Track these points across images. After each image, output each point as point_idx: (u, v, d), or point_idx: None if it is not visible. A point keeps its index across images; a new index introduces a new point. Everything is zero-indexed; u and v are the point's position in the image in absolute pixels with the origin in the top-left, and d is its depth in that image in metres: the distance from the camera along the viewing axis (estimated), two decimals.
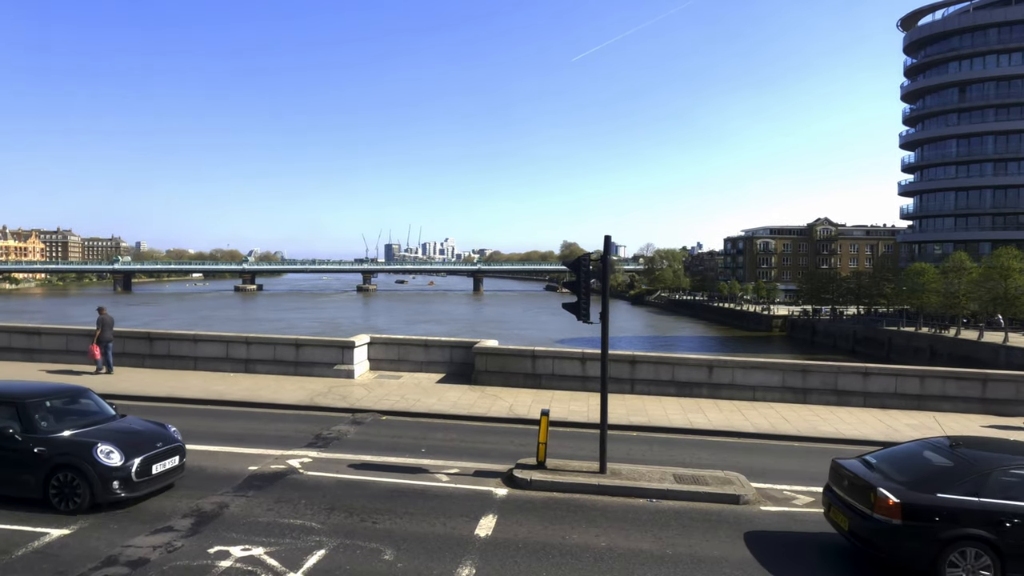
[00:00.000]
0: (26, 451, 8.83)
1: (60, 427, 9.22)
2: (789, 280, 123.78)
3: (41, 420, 9.21)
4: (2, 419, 9.07)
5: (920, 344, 63.77)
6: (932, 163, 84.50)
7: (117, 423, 9.85)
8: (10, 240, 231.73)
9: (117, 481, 8.74)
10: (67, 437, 9.04)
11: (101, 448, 8.84)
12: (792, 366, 18.03)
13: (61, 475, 8.71)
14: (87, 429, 9.33)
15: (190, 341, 19.83)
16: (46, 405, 9.53)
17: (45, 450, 8.83)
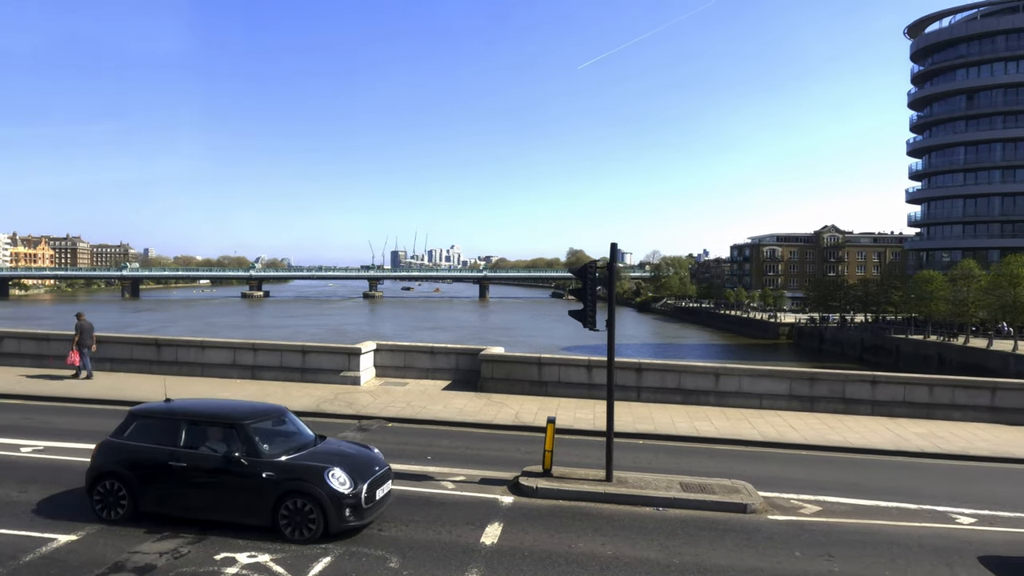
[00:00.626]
0: (253, 476, 8.32)
1: (278, 450, 8.69)
2: (796, 288, 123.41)
3: (262, 443, 8.65)
4: (224, 442, 8.60)
5: (928, 352, 63.40)
6: (940, 170, 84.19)
7: (327, 445, 9.29)
8: (20, 247, 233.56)
9: (349, 508, 8.20)
10: (293, 461, 8.53)
11: (332, 473, 8.30)
12: (799, 374, 17.94)
13: (291, 502, 8.18)
14: (304, 452, 8.80)
15: (197, 347, 19.90)
16: (262, 427, 8.99)
17: (273, 475, 8.31)
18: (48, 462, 11.27)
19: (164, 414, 9.08)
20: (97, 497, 8.66)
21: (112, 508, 8.61)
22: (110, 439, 9.04)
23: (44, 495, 9.58)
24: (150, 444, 8.76)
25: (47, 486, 9.93)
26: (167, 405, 9.45)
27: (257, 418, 9.02)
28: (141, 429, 8.96)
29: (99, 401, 16.16)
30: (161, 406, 9.37)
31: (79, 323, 18.93)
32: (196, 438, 8.74)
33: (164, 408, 9.29)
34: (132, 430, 9.00)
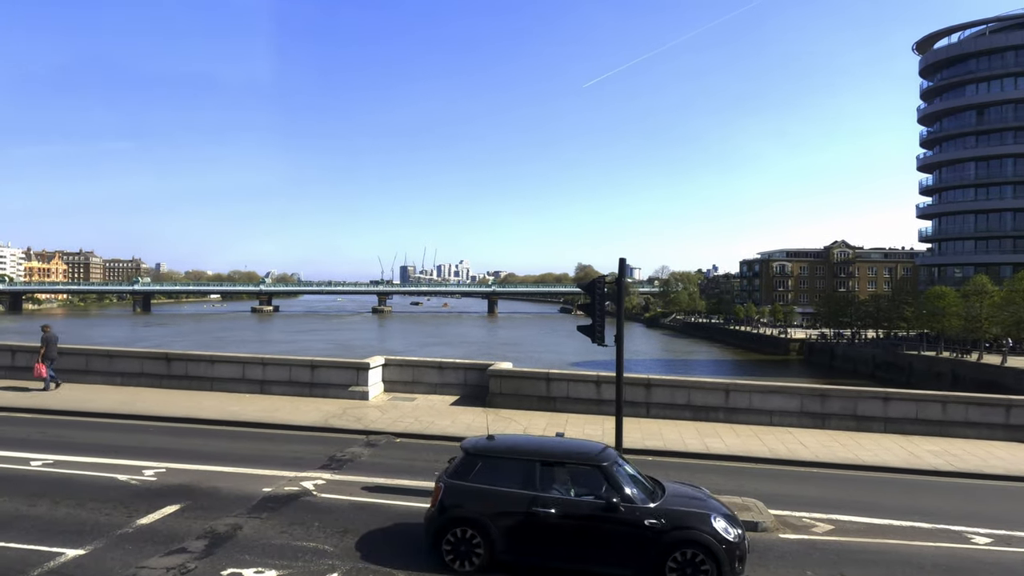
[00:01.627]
0: (635, 524, 7.64)
1: (641, 494, 7.98)
2: (806, 303, 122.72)
3: (625, 486, 7.95)
4: (584, 485, 7.94)
5: (941, 369, 62.73)
6: (951, 185, 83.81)
7: (672, 487, 8.56)
8: (34, 261, 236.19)
9: (738, 560, 7.59)
10: (673, 507, 7.87)
11: (716, 518, 7.71)
12: (810, 390, 17.79)
13: (680, 553, 7.48)
14: (666, 495, 8.13)
15: (207, 362, 19.98)
16: (622, 469, 8.26)
17: (657, 523, 7.61)
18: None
19: (513, 454, 8.35)
20: (447, 546, 7.88)
21: (466, 558, 7.84)
22: (455, 482, 8.18)
23: (54, 509, 9.61)
24: (506, 488, 7.98)
25: (58, 500, 9.96)
26: (509, 443, 8.78)
27: (612, 460, 8.28)
28: (488, 470, 8.16)
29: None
30: (504, 445, 8.61)
31: (45, 335, 19.06)
32: (550, 480, 8.03)
33: (509, 447, 8.59)
34: (478, 471, 8.17)
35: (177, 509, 9.76)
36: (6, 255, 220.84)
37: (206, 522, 9.30)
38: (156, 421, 15.82)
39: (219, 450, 13.25)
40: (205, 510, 9.78)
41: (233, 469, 11.91)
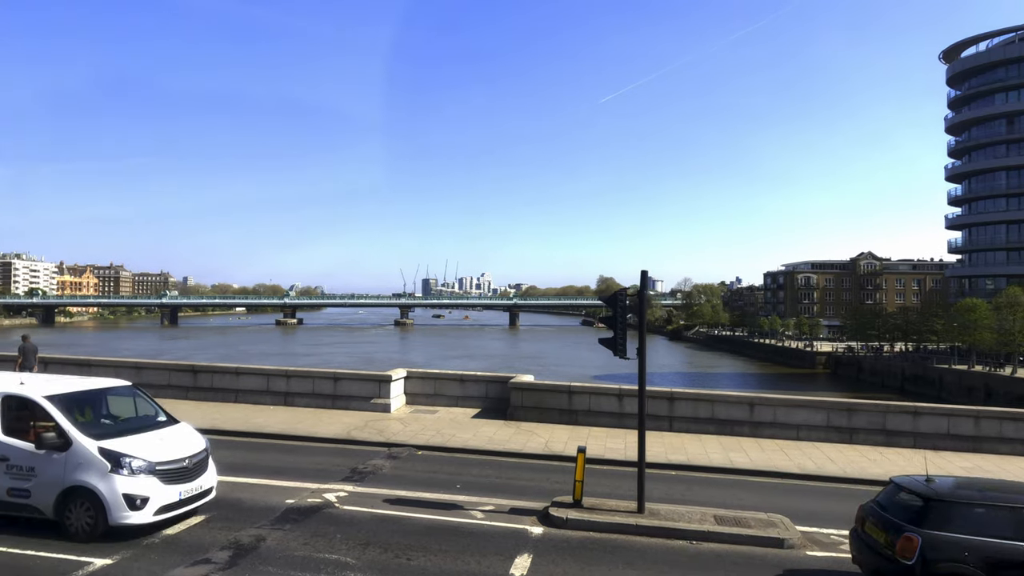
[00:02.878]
0: None
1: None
2: (832, 316, 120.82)
3: None
4: None
5: (974, 383, 61.25)
6: (981, 196, 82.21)
7: None
8: (66, 275, 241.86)
9: None
10: None
11: None
12: (837, 404, 17.47)
13: None
14: None
15: (232, 374, 20.23)
16: None
17: None
18: None
19: (996, 500, 7.67)
20: None
21: None
22: (937, 533, 7.43)
23: None
24: (998, 539, 7.33)
25: None
26: (982, 487, 8.22)
27: None
28: (967, 519, 7.49)
29: None
30: (978, 490, 8.00)
31: (23, 345, 19.44)
32: None
33: (986, 493, 7.92)
34: (957, 521, 7.47)
35: (202, 520, 9.87)
36: (39, 269, 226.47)
37: (230, 533, 9.39)
38: None
39: (244, 461, 13.37)
40: (229, 521, 9.87)
41: (257, 480, 12.02)
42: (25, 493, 9.04)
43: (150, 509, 8.99)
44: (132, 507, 8.88)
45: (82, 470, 8.92)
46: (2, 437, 9.26)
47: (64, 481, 8.92)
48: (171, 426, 10.42)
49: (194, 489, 9.63)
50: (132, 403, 10.74)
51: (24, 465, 9.08)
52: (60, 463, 8.98)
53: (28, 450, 9.11)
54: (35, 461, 9.06)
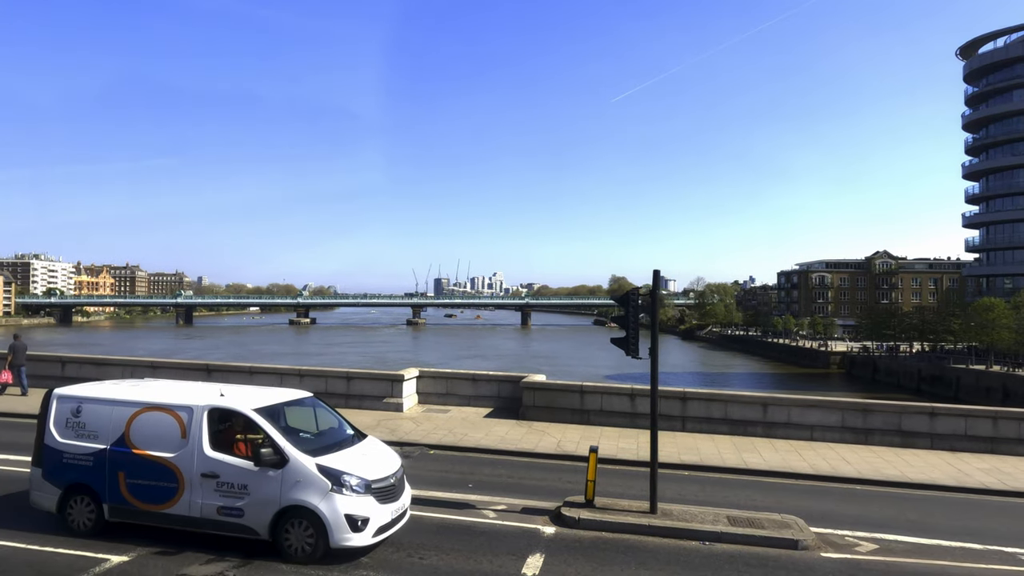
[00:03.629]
0: None
1: None
2: (847, 315, 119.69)
3: None
4: None
5: (992, 383, 60.43)
6: (998, 193, 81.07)
7: None
8: (83, 275, 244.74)
9: None
10: None
11: None
12: (852, 405, 17.31)
13: None
14: None
15: (246, 373, 20.38)
16: None
17: None
18: None
19: None
20: None
21: None
22: None
23: None
24: None
25: None
26: None
27: None
28: None
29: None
30: None
31: (13, 343, 20.20)
32: None
33: None
34: None
35: None
36: (57, 269, 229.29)
37: None
38: None
39: None
40: None
41: None
42: (237, 512, 8.53)
43: (370, 530, 8.46)
44: (354, 528, 8.34)
45: (300, 489, 8.39)
46: (211, 453, 8.76)
47: (281, 500, 8.39)
48: (363, 440, 9.79)
49: (399, 508, 9.09)
50: (312, 414, 10.05)
51: (236, 482, 8.56)
52: (276, 481, 8.44)
53: (242, 467, 8.60)
54: (248, 478, 8.53)
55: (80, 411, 9.32)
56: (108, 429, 9.13)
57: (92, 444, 9.14)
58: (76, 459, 9.15)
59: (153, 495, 8.83)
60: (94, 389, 9.78)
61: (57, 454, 9.25)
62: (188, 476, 8.71)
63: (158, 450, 8.89)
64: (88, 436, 9.20)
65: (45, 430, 9.41)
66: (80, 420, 9.29)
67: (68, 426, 9.33)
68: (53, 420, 9.44)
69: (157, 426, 8.98)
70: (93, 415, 9.26)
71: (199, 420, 8.89)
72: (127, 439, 9.03)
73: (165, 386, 10.16)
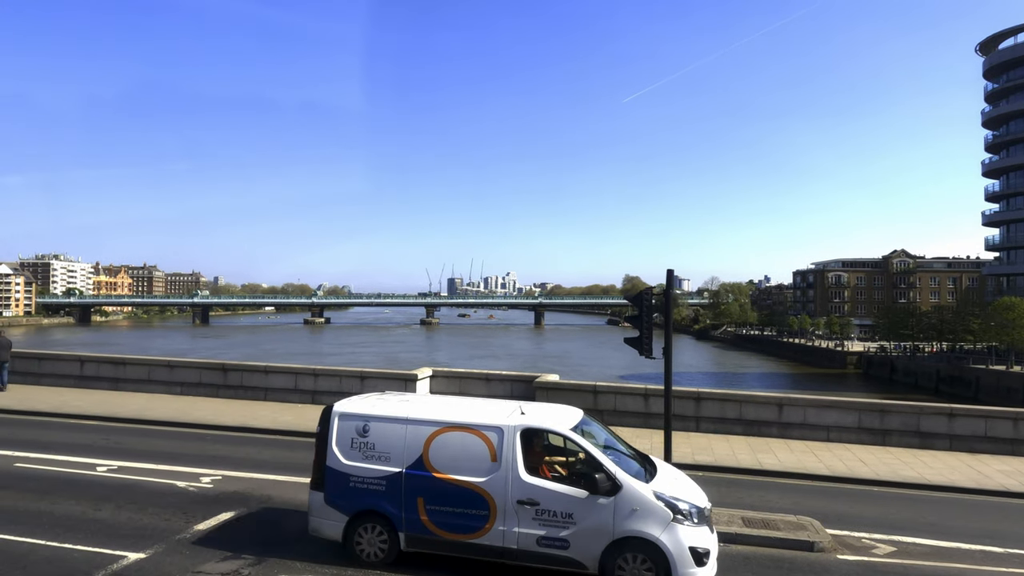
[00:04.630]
0: None
1: None
2: (864, 315, 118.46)
3: None
4: None
5: (1012, 384, 59.54)
6: (1020, 191, 79.73)
7: None
8: (102, 275, 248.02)
9: None
10: None
11: None
12: (869, 405, 17.12)
13: None
14: None
15: (261, 372, 20.55)
16: None
17: None
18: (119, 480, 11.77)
19: None
20: None
21: None
22: None
23: (117, 514, 10.01)
24: None
25: (122, 505, 10.37)
26: None
27: None
28: None
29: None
30: None
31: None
32: None
33: None
34: None
35: (231, 516, 10.04)
36: (76, 270, 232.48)
37: (261, 529, 9.52)
38: (213, 429, 16.33)
39: (273, 459, 13.57)
40: (259, 517, 10.02)
41: (287, 478, 12.18)
42: (561, 543, 7.76)
43: (712, 564, 7.80)
44: (698, 563, 7.60)
45: (638, 518, 7.65)
46: (527, 477, 7.96)
47: (614, 531, 7.65)
48: (655, 461, 9.02)
49: (716, 538, 8.29)
50: (595, 432, 8.91)
51: (559, 510, 7.81)
52: (608, 509, 7.71)
53: (567, 493, 7.84)
54: (574, 506, 7.79)
55: (367, 430, 8.45)
56: (403, 450, 8.27)
57: (384, 467, 8.27)
58: (366, 483, 8.30)
59: (459, 524, 8.01)
60: (375, 405, 8.83)
61: (342, 477, 8.39)
62: (501, 503, 7.91)
63: (464, 474, 8.05)
64: (379, 458, 8.32)
65: (327, 451, 8.51)
66: (368, 440, 8.41)
67: (354, 447, 8.45)
68: (336, 440, 8.52)
69: (462, 448, 8.12)
70: (384, 435, 8.37)
71: (511, 441, 8.03)
72: (426, 461, 8.17)
73: (454, 403, 9.20)
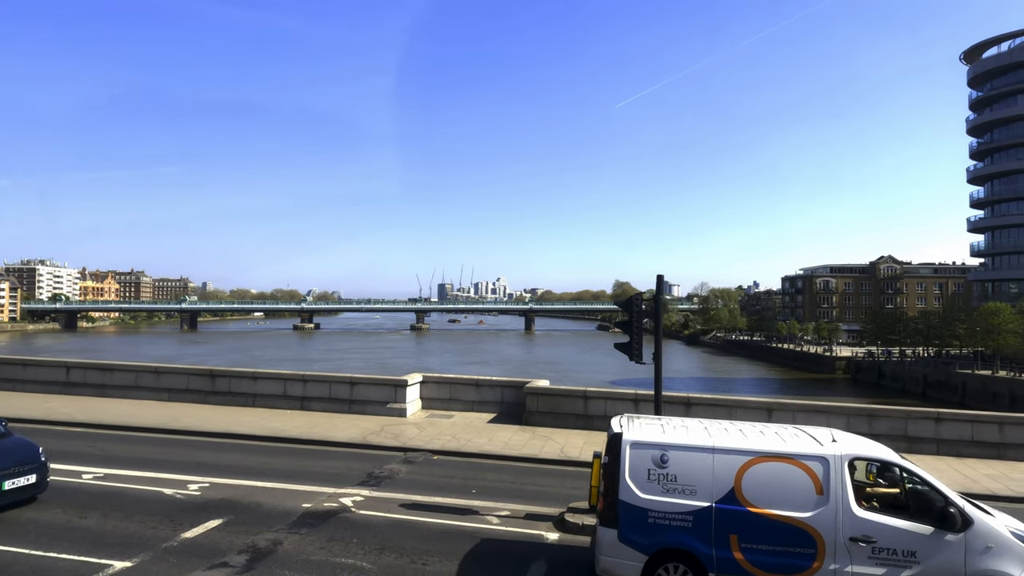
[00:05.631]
0: None
1: None
2: (852, 320, 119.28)
3: None
4: None
5: (998, 389, 60.09)
6: (1004, 198, 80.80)
7: None
8: (88, 281, 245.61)
9: None
10: None
11: None
12: (857, 410, 17.23)
13: None
14: None
15: (249, 378, 20.40)
16: None
17: None
18: None
19: None
20: None
21: None
22: None
23: (103, 522, 9.89)
24: None
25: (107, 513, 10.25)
26: None
27: None
28: None
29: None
30: None
31: None
32: None
33: None
34: None
35: (220, 523, 9.95)
36: (63, 275, 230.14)
37: (248, 537, 9.45)
38: (201, 436, 16.19)
39: (261, 465, 13.47)
40: (247, 525, 9.94)
41: (274, 485, 12.09)
42: None
43: None
44: None
45: (994, 557, 7.09)
46: (859, 512, 7.36)
47: (966, 571, 7.11)
48: None
49: None
50: None
51: (900, 548, 7.20)
52: (958, 547, 7.14)
53: (909, 529, 7.25)
54: (918, 544, 7.20)
55: (666, 460, 7.82)
56: (710, 482, 7.64)
57: (690, 501, 7.64)
58: (668, 519, 7.65)
59: (781, 563, 7.38)
60: (669, 433, 8.18)
61: (639, 512, 7.71)
62: (830, 540, 7.30)
63: (785, 509, 7.43)
64: (682, 491, 7.69)
65: (619, 483, 7.83)
66: (667, 472, 7.77)
67: (652, 479, 7.79)
68: (629, 472, 7.85)
69: (780, 479, 7.52)
70: (686, 465, 7.75)
71: (839, 472, 7.44)
72: (739, 494, 7.55)
73: (757, 430, 8.41)
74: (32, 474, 10.42)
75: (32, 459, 10.56)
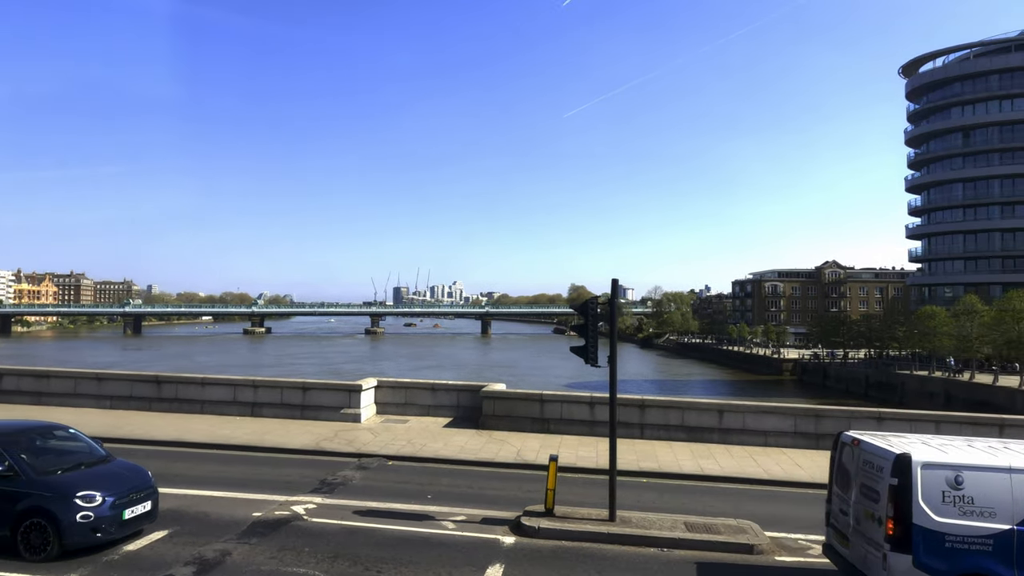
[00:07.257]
0: None
1: None
2: (799, 323, 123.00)
3: None
4: None
5: (934, 388, 62.84)
6: (939, 206, 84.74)
7: None
8: (24, 283, 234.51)
9: None
10: None
11: None
12: (804, 411, 17.77)
13: None
14: None
15: (197, 384, 19.80)
16: None
17: None
18: None
19: None
20: None
21: None
22: None
23: None
24: None
25: None
26: None
27: None
28: None
29: None
30: None
31: None
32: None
33: None
34: None
35: (165, 535, 9.60)
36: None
37: (194, 548, 9.14)
38: (145, 445, 15.62)
39: (209, 474, 13.08)
40: (194, 535, 9.62)
41: (223, 493, 11.75)
42: None
43: None
44: None
45: None
46: None
47: None
48: None
49: None
50: None
51: None
52: None
53: None
54: None
55: (961, 482, 7.54)
56: (1009, 504, 7.43)
57: (989, 523, 7.42)
58: (966, 543, 7.41)
59: None
60: (963, 453, 7.89)
61: (936, 537, 7.45)
62: None
63: None
64: (980, 513, 7.45)
65: (912, 506, 7.52)
66: (963, 493, 7.52)
67: (946, 501, 7.52)
68: (922, 494, 7.53)
69: None
70: (983, 486, 7.51)
71: None
72: None
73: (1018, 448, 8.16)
74: (147, 500, 9.50)
75: (145, 484, 9.64)
